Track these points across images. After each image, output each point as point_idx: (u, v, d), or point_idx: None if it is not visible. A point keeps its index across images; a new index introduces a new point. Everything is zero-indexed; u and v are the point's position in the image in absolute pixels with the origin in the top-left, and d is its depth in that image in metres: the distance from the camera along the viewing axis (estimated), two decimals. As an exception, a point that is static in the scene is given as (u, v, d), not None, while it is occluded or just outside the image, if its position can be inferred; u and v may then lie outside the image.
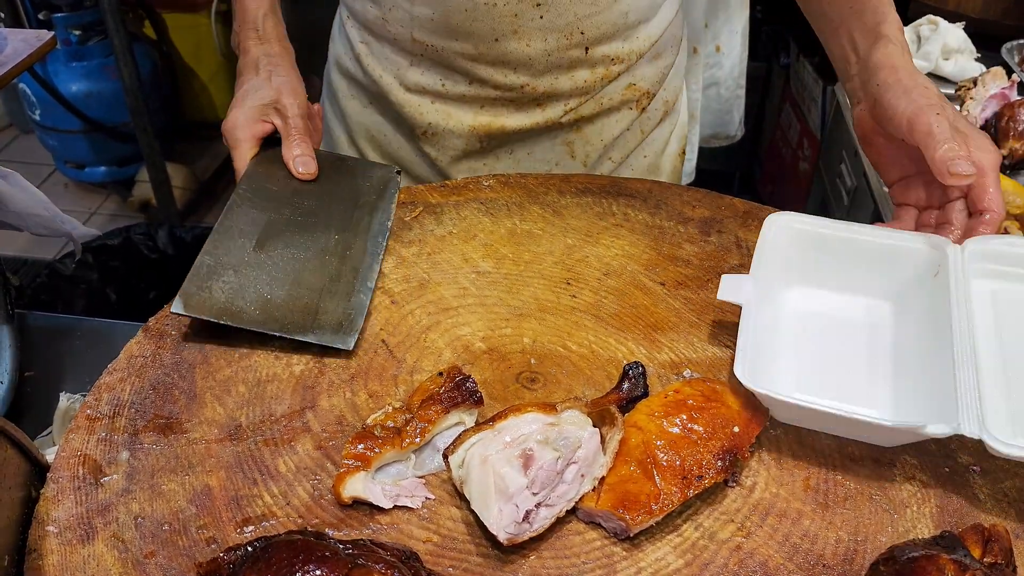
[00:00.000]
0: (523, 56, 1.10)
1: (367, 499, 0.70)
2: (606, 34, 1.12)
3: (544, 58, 1.10)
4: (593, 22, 1.09)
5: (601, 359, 0.86)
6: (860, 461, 0.76)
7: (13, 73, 1.19)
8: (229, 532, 0.69)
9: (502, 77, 1.12)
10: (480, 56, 1.10)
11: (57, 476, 0.72)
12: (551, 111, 1.17)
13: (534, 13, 1.06)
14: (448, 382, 0.76)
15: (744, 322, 0.81)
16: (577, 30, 1.09)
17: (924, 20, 1.73)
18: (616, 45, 1.14)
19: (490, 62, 1.11)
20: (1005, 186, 1.25)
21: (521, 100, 1.15)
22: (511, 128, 1.17)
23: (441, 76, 1.14)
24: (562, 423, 0.72)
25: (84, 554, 0.67)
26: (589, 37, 1.10)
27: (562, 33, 1.09)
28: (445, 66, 1.13)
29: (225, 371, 0.83)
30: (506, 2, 1.05)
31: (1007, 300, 0.86)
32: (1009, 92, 1.45)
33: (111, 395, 0.80)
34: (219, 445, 0.76)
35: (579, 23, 1.08)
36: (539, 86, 1.14)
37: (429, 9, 1.07)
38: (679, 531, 0.70)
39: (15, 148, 3.67)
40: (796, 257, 0.91)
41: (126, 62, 2.72)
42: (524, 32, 1.07)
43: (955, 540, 0.64)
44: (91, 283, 2.23)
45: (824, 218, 0.91)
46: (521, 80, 1.13)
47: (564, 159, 1.24)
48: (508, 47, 1.09)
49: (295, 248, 0.93)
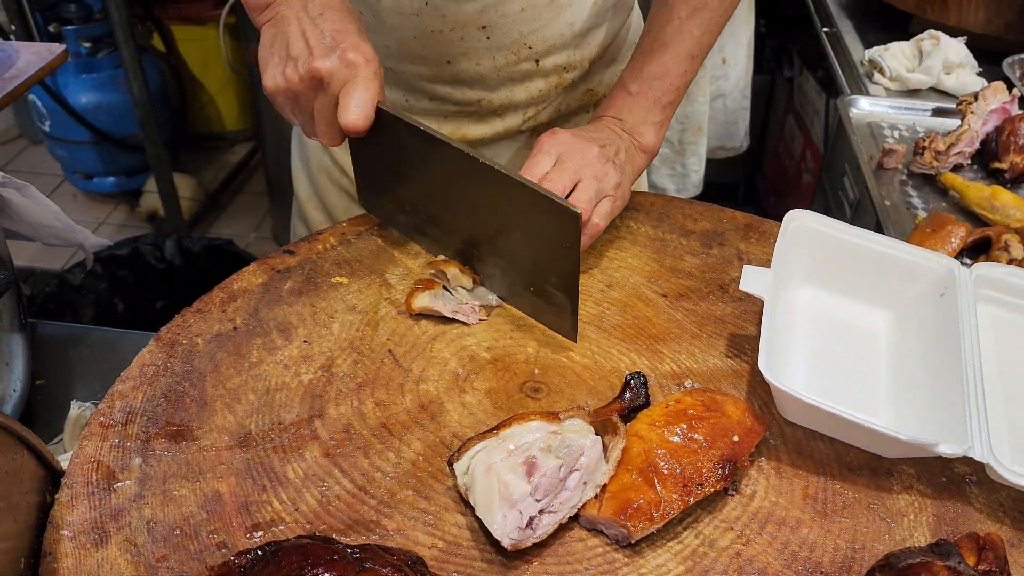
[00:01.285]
0: (475, 74, 1.13)
1: (434, 310, 0.90)
2: (554, 45, 1.14)
3: (495, 74, 1.13)
4: (539, 36, 1.12)
5: (603, 369, 0.88)
6: (858, 471, 0.78)
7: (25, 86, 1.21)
8: (239, 537, 0.70)
9: (459, 94, 1.15)
10: (436, 77, 1.13)
11: (71, 482, 0.74)
12: (510, 120, 1.20)
13: (480, 35, 1.09)
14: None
15: (766, 315, 0.82)
16: (524, 45, 1.11)
17: (926, 35, 1.75)
18: (567, 54, 1.16)
19: (446, 82, 1.14)
20: (1006, 200, 1.26)
21: (480, 112, 1.18)
22: (473, 137, 1.21)
23: (404, 94, 1.17)
24: (565, 431, 0.73)
25: (98, 558, 0.68)
26: (537, 50, 1.13)
27: (509, 50, 1.11)
28: (406, 86, 1.16)
29: (235, 380, 0.85)
30: (452, 27, 1.08)
31: (1007, 329, 0.88)
32: (1010, 107, 1.47)
33: (124, 403, 0.82)
34: (229, 452, 0.78)
35: (524, 39, 1.11)
36: (495, 99, 1.17)
37: (384, 39, 1.10)
38: (679, 538, 0.72)
39: (25, 158, 3.70)
40: (811, 257, 0.93)
41: (135, 74, 2.75)
42: (473, 53, 1.10)
43: (950, 548, 0.66)
44: (99, 293, 2.25)
45: (841, 222, 0.93)
46: (477, 95, 1.16)
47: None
48: (460, 67, 1.12)
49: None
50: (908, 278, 0.90)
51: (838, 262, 0.92)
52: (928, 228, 1.15)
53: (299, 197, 1.38)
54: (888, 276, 0.91)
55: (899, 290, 0.91)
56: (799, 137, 2.61)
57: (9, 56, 1.21)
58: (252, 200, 3.51)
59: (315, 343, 0.89)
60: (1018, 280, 0.90)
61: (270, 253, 1.01)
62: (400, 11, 1.06)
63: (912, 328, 0.89)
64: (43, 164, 3.53)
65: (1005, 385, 0.82)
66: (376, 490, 0.75)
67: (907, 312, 0.90)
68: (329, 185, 1.32)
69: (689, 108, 2.27)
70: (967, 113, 1.44)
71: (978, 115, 1.44)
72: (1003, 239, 1.10)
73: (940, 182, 1.36)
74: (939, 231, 1.14)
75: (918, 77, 1.68)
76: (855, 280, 0.92)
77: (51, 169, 3.47)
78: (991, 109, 1.45)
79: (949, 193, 1.34)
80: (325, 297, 0.95)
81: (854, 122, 1.57)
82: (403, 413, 0.82)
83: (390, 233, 1.05)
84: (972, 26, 1.80)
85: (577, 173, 0.95)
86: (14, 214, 1.14)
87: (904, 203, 1.34)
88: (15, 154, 3.72)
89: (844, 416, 0.75)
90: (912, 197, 1.35)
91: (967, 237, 1.12)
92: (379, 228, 1.05)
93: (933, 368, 0.81)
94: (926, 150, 1.38)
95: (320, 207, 1.34)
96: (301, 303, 0.94)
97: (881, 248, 0.92)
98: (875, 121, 1.57)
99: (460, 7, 1.05)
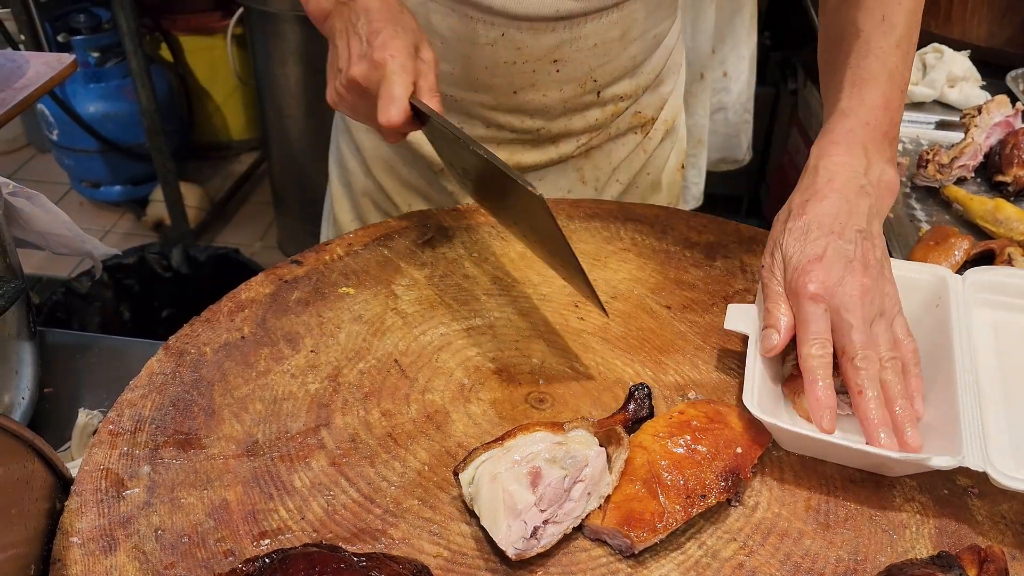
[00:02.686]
0: (540, 105, 1.14)
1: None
2: (616, 77, 1.16)
3: (560, 105, 1.14)
4: (605, 69, 1.13)
5: (608, 380, 0.88)
6: (860, 483, 0.78)
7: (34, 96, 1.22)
8: (246, 545, 0.71)
9: (519, 123, 1.16)
10: (499, 106, 1.14)
11: (81, 489, 0.75)
12: (565, 147, 1.21)
13: (550, 68, 1.10)
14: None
15: (751, 351, 0.83)
16: (591, 78, 1.13)
17: (929, 48, 1.76)
18: (624, 84, 1.17)
19: (508, 111, 1.15)
20: (1009, 213, 1.27)
21: (537, 140, 1.19)
22: (527, 164, 1.21)
23: (459, 120, 1.17)
24: (569, 442, 0.74)
25: (107, 565, 0.69)
26: (601, 83, 1.14)
27: (577, 83, 1.12)
28: (464, 113, 1.16)
29: (243, 389, 0.86)
30: (525, 60, 1.08)
31: (1007, 330, 0.88)
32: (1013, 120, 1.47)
33: (133, 411, 0.82)
34: (236, 461, 0.78)
35: (592, 72, 1.12)
36: (554, 128, 1.17)
37: (450, 66, 1.10)
38: (683, 549, 0.72)
39: (32, 167, 3.72)
40: None
41: (143, 84, 2.77)
42: (541, 85, 1.11)
43: (952, 560, 0.66)
44: (106, 301, 2.26)
45: None
46: (537, 124, 1.16)
47: (575, 185, 1.27)
48: (526, 98, 1.13)
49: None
50: (904, 293, 0.90)
51: None
52: (931, 241, 1.15)
53: (339, 222, 1.37)
54: None
55: None
56: (803, 150, 2.62)
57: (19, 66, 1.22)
58: (258, 209, 3.53)
59: (322, 353, 0.90)
60: (1015, 280, 0.90)
61: (277, 263, 1.02)
62: (474, 41, 1.07)
63: None
64: (50, 173, 3.55)
65: (1007, 389, 0.82)
66: (382, 499, 0.75)
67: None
68: (373, 209, 1.32)
69: (689, 121, 2.28)
70: (971, 126, 1.45)
71: (982, 128, 1.44)
72: (1006, 252, 1.10)
73: (943, 195, 1.37)
74: (942, 244, 1.14)
75: (922, 90, 1.69)
76: None
77: (58, 178, 3.49)
78: (994, 122, 1.45)
79: (952, 206, 1.34)
80: (332, 307, 0.96)
81: (858, 135, 1.57)
82: (409, 423, 0.83)
83: (396, 244, 1.05)
84: (976, 39, 1.81)
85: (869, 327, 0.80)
86: (24, 223, 1.15)
87: (907, 216, 1.34)
88: (23, 162, 3.75)
89: (833, 441, 0.76)
90: (915, 210, 1.36)
91: (970, 250, 1.13)
92: (385, 239, 1.06)
93: (931, 380, 0.82)
94: (929, 163, 1.39)
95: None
96: (308, 313, 0.95)
97: None
98: (879, 134, 1.58)
99: (537, 40, 1.06)
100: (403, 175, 1.28)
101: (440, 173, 1.23)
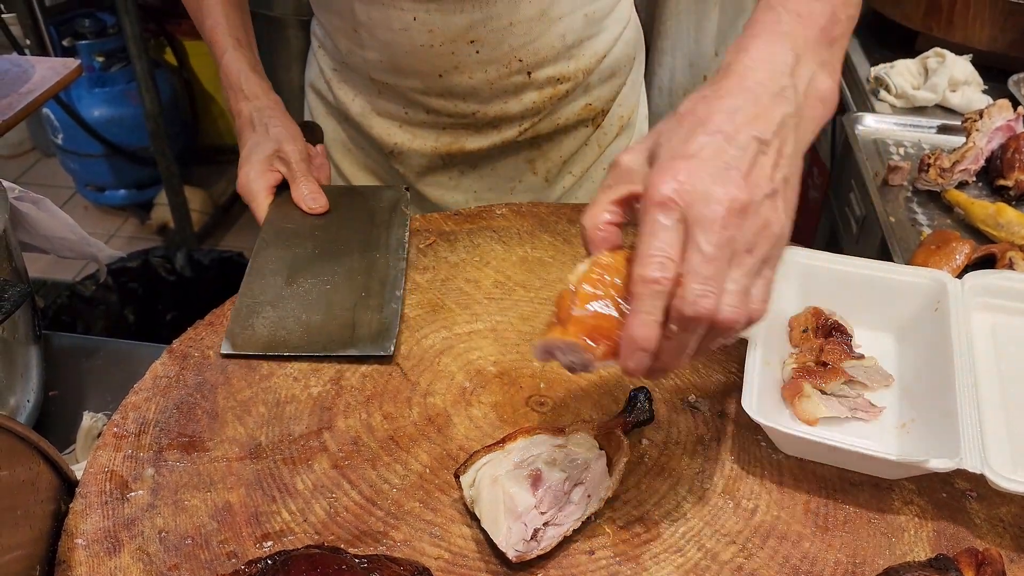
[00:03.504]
0: (467, 87, 1.15)
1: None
2: (546, 58, 1.16)
3: (487, 87, 1.16)
4: (529, 50, 1.13)
5: (608, 384, 0.89)
6: (859, 486, 0.79)
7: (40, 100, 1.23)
8: (249, 547, 0.72)
9: (453, 107, 1.18)
10: (429, 90, 1.16)
11: (85, 491, 0.75)
12: (506, 131, 1.22)
13: (469, 49, 1.11)
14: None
15: (750, 355, 0.83)
16: (515, 58, 1.14)
17: (931, 52, 1.76)
18: (560, 66, 1.18)
19: (439, 95, 1.17)
20: (1010, 217, 1.27)
21: (476, 124, 1.21)
22: (471, 148, 1.23)
23: (402, 106, 1.20)
24: (570, 445, 0.74)
25: (111, 566, 0.69)
26: (528, 63, 1.15)
27: (500, 63, 1.14)
28: (403, 98, 1.19)
29: (246, 392, 0.86)
30: (441, 42, 1.10)
31: (1006, 333, 0.89)
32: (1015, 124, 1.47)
33: (137, 414, 0.83)
34: (240, 463, 0.79)
35: (515, 52, 1.13)
36: (489, 111, 1.19)
37: (377, 54, 1.14)
38: (682, 551, 0.72)
39: (37, 171, 3.74)
40: (801, 291, 0.93)
41: (147, 88, 2.78)
42: (464, 67, 1.13)
43: (949, 563, 0.66)
44: (110, 305, 2.27)
45: (827, 252, 0.94)
46: (471, 108, 1.18)
47: (526, 175, 1.29)
48: (452, 81, 1.15)
49: (323, 275, 0.98)
50: (902, 297, 0.91)
51: (830, 292, 0.93)
52: (933, 245, 1.16)
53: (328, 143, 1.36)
54: (882, 298, 0.92)
55: (895, 310, 0.92)
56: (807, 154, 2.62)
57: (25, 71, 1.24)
58: (261, 213, 3.53)
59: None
60: (1013, 283, 0.91)
61: (281, 267, 1.03)
62: (390, 27, 1.09)
63: (910, 346, 0.90)
64: (55, 176, 3.57)
65: (1005, 391, 0.83)
66: (383, 501, 0.76)
67: (905, 331, 0.91)
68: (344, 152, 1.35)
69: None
70: (972, 130, 1.45)
71: (983, 132, 1.45)
72: (1008, 256, 1.10)
73: (945, 199, 1.37)
74: (944, 248, 1.15)
75: (924, 94, 1.69)
76: (850, 307, 0.92)
77: (63, 182, 3.50)
78: (996, 126, 1.46)
79: (954, 210, 1.35)
80: (334, 311, 0.96)
81: (860, 139, 1.58)
82: (411, 426, 0.83)
83: (399, 248, 1.06)
84: (978, 44, 1.81)
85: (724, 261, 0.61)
86: (30, 227, 1.16)
87: (909, 220, 1.35)
88: (28, 166, 3.76)
89: (831, 443, 0.76)
90: (917, 214, 1.36)
91: (972, 254, 1.13)
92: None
93: (930, 383, 0.82)
94: (931, 167, 1.39)
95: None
96: (311, 317, 0.95)
97: (871, 272, 0.92)
98: (881, 138, 1.58)
99: (448, 22, 1.08)
100: (358, 157, 1.32)
101: (390, 155, 1.26)
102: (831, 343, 0.87)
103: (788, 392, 0.84)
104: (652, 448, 0.82)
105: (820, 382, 0.84)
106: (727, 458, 0.81)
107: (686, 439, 0.83)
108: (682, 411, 0.86)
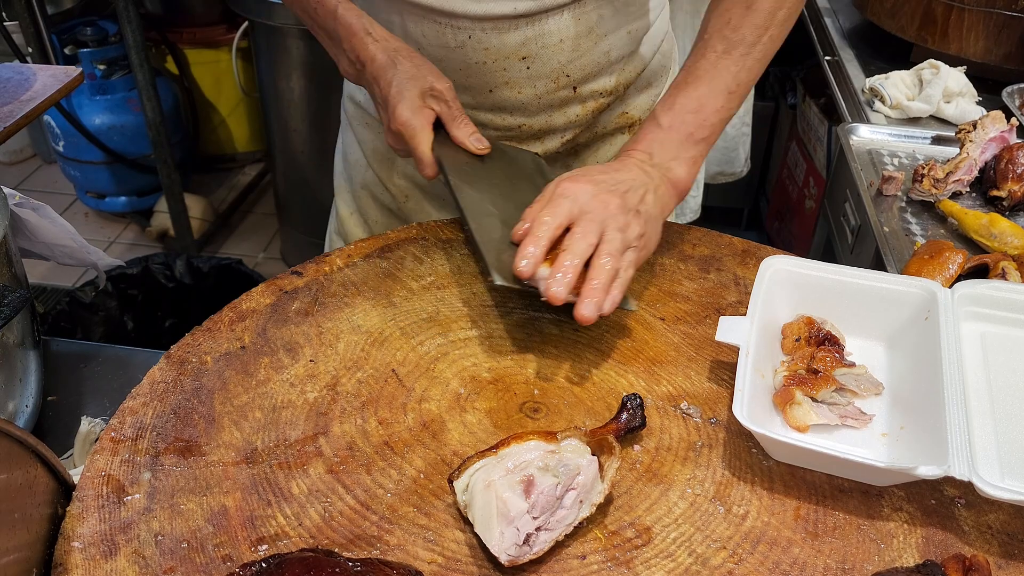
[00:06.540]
0: (516, 102, 1.18)
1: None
2: (591, 73, 1.18)
3: (535, 101, 1.18)
4: (577, 65, 1.16)
5: (601, 390, 0.90)
6: (849, 492, 0.79)
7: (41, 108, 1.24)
8: (244, 550, 0.72)
9: (500, 120, 1.20)
10: (478, 105, 1.18)
11: (82, 495, 0.76)
12: (549, 143, 1.24)
13: (520, 66, 1.14)
14: None
15: (741, 362, 0.84)
16: (563, 74, 1.16)
17: (926, 64, 1.77)
18: (603, 80, 1.21)
19: (488, 109, 1.19)
20: (1003, 227, 1.28)
21: (520, 136, 1.23)
22: None
23: None
24: (562, 451, 0.75)
25: (107, 569, 0.70)
26: (575, 78, 1.17)
27: (549, 79, 1.16)
28: None
29: (242, 397, 0.87)
30: (495, 59, 1.12)
31: (995, 343, 0.90)
32: (1008, 135, 1.48)
33: (134, 418, 0.84)
34: (236, 468, 0.80)
35: (563, 68, 1.15)
36: (535, 124, 1.21)
37: None
38: (673, 557, 0.73)
39: (37, 178, 3.75)
40: (793, 300, 0.94)
41: (149, 96, 2.79)
42: (514, 82, 1.15)
43: (937, 569, 0.67)
44: (110, 310, 2.28)
45: (818, 261, 0.95)
46: (518, 121, 1.20)
47: None
48: (502, 95, 1.17)
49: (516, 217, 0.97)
50: (893, 306, 0.92)
51: (822, 301, 0.94)
52: (926, 255, 1.17)
53: (340, 214, 1.42)
54: (873, 307, 0.93)
55: (886, 319, 0.92)
56: (802, 163, 2.64)
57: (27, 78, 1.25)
58: (261, 221, 3.55)
59: (321, 362, 0.91)
60: (1002, 293, 0.92)
61: (278, 274, 1.04)
62: (445, 45, 1.12)
63: (900, 355, 0.91)
64: (56, 183, 3.58)
65: (994, 400, 0.84)
66: (378, 506, 0.77)
67: (896, 340, 0.92)
68: (371, 202, 1.37)
69: None
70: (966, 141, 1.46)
71: (977, 143, 1.46)
72: (1000, 266, 1.11)
73: (939, 209, 1.38)
74: (937, 257, 1.15)
75: (918, 105, 1.70)
76: (841, 316, 0.93)
77: (63, 189, 3.52)
78: (990, 137, 1.47)
79: (948, 220, 1.35)
80: (331, 318, 0.97)
81: (855, 149, 1.59)
82: (405, 431, 0.84)
83: (395, 255, 1.07)
84: (972, 55, 1.82)
85: (602, 224, 0.90)
86: (30, 234, 1.17)
87: (903, 229, 1.35)
88: (28, 173, 3.77)
89: (821, 450, 0.77)
90: (911, 224, 1.37)
91: (965, 264, 1.14)
92: (385, 251, 1.08)
93: (919, 392, 0.83)
94: (925, 177, 1.40)
95: (362, 224, 1.40)
96: (308, 323, 0.96)
97: (862, 281, 0.93)
98: (875, 148, 1.59)
99: (502, 40, 1.10)
100: (399, 166, 1.33)
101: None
102: (823, 351, 0.88)
103: (779, 399, 0.85)
104: (644, 454, 0.83)
105: (811, 389, 0.85)
106: (718, 464, 0.82)
107: (678, 445, 0.84)
108: (674, 417, 0.87)
